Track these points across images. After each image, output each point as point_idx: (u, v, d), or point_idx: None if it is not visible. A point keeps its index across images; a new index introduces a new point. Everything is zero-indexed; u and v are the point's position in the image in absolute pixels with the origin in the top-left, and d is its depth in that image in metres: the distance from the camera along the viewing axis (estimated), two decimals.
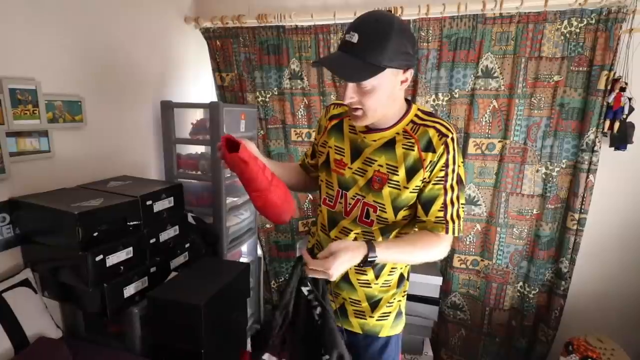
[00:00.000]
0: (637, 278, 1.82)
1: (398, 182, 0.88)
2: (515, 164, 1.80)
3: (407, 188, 0.87)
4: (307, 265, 0.81)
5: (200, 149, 2.10)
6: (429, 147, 0.85)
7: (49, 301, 1.43)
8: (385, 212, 0.91)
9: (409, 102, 0.92)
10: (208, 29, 2.12)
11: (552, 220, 1.81)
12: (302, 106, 2.10)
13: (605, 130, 1.64)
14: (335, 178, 0.98)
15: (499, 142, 1.81)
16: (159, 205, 1.53)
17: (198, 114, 2.11)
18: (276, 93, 2.12)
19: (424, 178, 0.86)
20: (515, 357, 1.99)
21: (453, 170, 0.86)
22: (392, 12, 1.74)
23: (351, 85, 0.81)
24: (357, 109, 0.84)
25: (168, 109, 1.91)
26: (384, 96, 0.81)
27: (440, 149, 0.84)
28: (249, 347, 1.91)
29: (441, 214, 0.87)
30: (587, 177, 1.69)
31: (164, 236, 1.57)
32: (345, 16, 1.84)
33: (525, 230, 1.85)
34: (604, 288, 1.88)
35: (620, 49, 1.58)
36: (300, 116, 2.11)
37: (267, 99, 2.14)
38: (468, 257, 1.99)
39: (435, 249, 0.88)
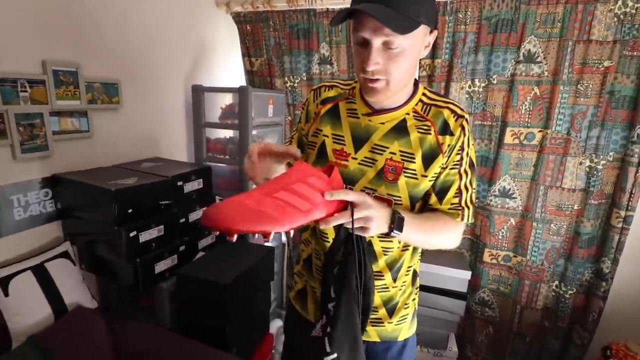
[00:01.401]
0: None
1: (415, 170, 0.80)
2: (557, 155, 1.72)
3: (426, 177, 0.80)
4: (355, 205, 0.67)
5: (228, 133, 2.15)
6: (446, 130, 0.79)
7: (86, 274, 1.54)
8: (401, 204, 0.82)
9: (416, 81, 0.85)
10: (239, 14, 2.15)
11: (594, 217, 1.72)
12: None
13: None
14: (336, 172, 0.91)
15: (539, 131, 1.74)
16: (189, 187, 1.59)
17: (227, 99, 2.16)
18: (305, 78, 2.13)
19: (442, 164, 0.80)
20: (547, 359, 1.93)
21: (467, 154, 0.81)
22: None
23: (377, 48, 0.69)
24: (377, 79, 0.73)
25: (199, 93, 1.97)
26: (410, 61, 0.73)
27: (458, 131, 0.79)
28: (271, 330, 1.97)
29: (456, 200, 0.83)
30: (637, 171, 1.59)
31: (193, 217, 1.64)
32: None
33: (564, 226, 1.78)
34: None
35: None
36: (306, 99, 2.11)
37: (296, 84, 2.16)
38: (500, 253, 1.93)
39: (452, 234, 0.85)
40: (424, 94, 0.84)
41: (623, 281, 1.74)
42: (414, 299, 0.97)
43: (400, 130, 0.81)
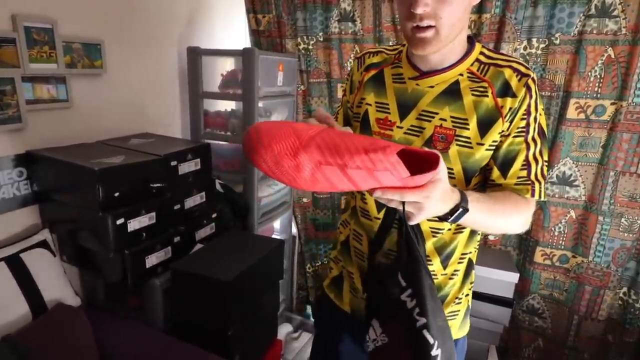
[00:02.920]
0: None
1: (469, 138, 0.81)
2: (633, 133, 1.63)
3: (483, 145, 0.80)
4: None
5: (230, 105, 2.12)
6: (508, 91, 0.79)
7: (68, 267, 1.56)
8: (454, 178, 0.83)
9: (472, 39, 0.85)
10: None
11: None
12: (352, 56, 2.04)
13: None
14: None
15: (612, 104, 1.65)
16: (185, 167, 1.58)
17: (229, 64, 2.12)
18: (321, 39, 2.08)
19: (502, 131, 0.80)
20: None
21: (535, 119, 0.80)
22: None
23: None
24: (426, 28, 0.73)
25: (195, 57, 1.94)
26: (463, 4, 0.74)
27: (522, 92, 0.78)
28: (279, 336, 1.98)
29: (524, 173, 0.82)
30: None
31: (190, 203, 1.63)
32: None
33: (639, 221, 1.70)
34: None
35: None
36: (349, 68, 2.05)
37: (310, 47, 2.11)
38: (555, 252, 1.88)
39: (523, 214, 0.83)
40: (481, 53, 0.84)
41: None
42: (467, 295, 0.97)
43: (451, 93, 0.82)
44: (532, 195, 0.82)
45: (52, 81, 1.46)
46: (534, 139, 0.81)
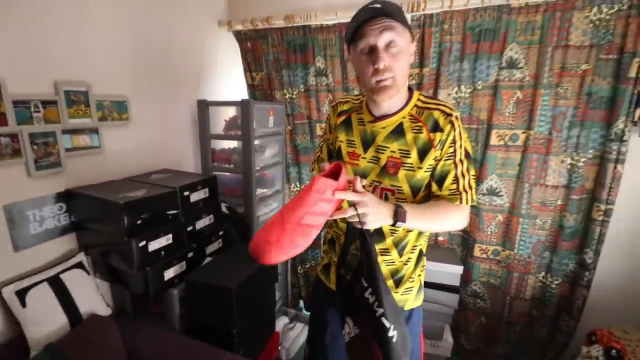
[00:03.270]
0: None
1: (412, 164, 0.88)
2: (540, 154, 1.67)
3: (421, 168, 0.87)
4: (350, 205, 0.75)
5: (232, 144, 2.11)
6: (437, 128, 0.86)
7: (101, 282, 1.49)
8: (403, 193, 0.90)
9: (411, 89, 0.92)
10: (239, 32, 2.10)
11: (576, 211, 1.67)
12: (326, 102, 2.05)
13: (636, 119, 1.49)
14: (350, 169, 0.95)
15: (523, 133, 1.69)
16: (195, 196, 1.54)
17: (231, 112, 2.11)
18: (302, 90, 2.09)
19: (436, 156, 0.86)
20: (536, 345, 1.88)
21: (460, 146, 0.87)
22: (415, 6, 1.66)
23: (382, 48, 0.79)
24: (386, 79, 0.81)
25: (204, 107, 1.93)
26: (406, 61, 0.83)
27: (447, 128, 0.85)
28: (277, 327, 1.92)
29: (454, 186, 0.88)
30: (615, 167, 1.54)
31: (200, 224, 1.59)
32: None
33: (549, 221, 1.73)
34: (629, 280, 1.72)
35: None
36: (325, 111, 2.07)
37: (294, 96, 2.11)
38: (489, 247, 1.89)
39: (455, 216, 0.88)
40: (419, 99, 0.91)
41: (605, 271, 1.70)
42: (419, 275, 1.02)
43: (397, 132, 0.89)
44: (461, 202, 0.88)
45: (87, 132, 1.43)
46: (461, 160, 0.87)
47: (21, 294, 1.20)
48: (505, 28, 1.60)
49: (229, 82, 2.28)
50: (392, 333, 0.76)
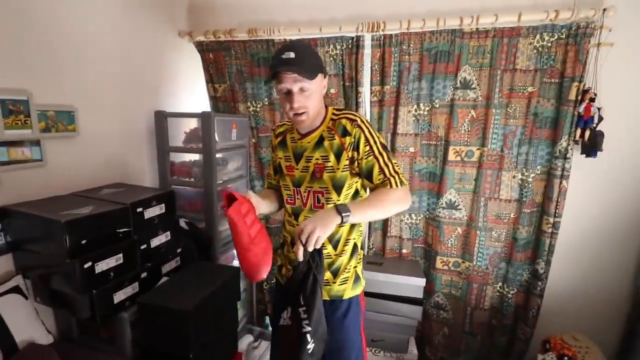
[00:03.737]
0: (609, 277, 1.79)
1: (332, 166, 1.04)
2: (493, 170, 1.77)
3: (339, 169, 1.03)
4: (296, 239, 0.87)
5: (193, 157, 2.04)
6: (345, 133, 1.02)
7: (42, 307, 1.37)
8: (329, 192, 1.05)
9: (326, 106, 1.09)
10: (201, 42, 2.08)
11: (528, 224, 1.78)
12: None
13: (577, 138, 1.63)
14: (289, 180, 1.12)
15: (477, 149, 1.79)
16: (150, 212, 1.47)
17: (192, 123, 2.06)
18: (267, 103, 2.08)
19: (349, 157, 1.01)
20: (496, 354, 1.95)
21: (375, 142, 1.01)
22: (375, 26, 1.73)
23: (297, 92, 0.96)
24: (301, 113, 0.99)
25: (162, 119, 1.86)
26: (318, 98, 1.01)
27: (355, 131, 1.00)
28: (240, 347, 1.85)
29: (381, 175, 1.00)
30: (561, 182, 1.67)
31: (155, 242, 1.51)
32: (330, 30, 1.81)
33: (504, 233, 1.82)
34: (578, 288, 1.85)
35: (589, 61, 1.57)
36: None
37: (258, 109, 2.10)
38: (450, 259, 1.95)
39: (393, 197, 0.98)
40: (333, 114, 1.08)
41: (556, 280, 1.81)
42: (355, 266, 1.14)
43: (319, 143, 1.06)
44: (391, 186, 0.99)
45: (26, 144, 1.32)
46: (380, 153, 1.00)
47: None
48: (459, 51, 1.70)
49: (191, 93, 2.23)
50: (310, 346, 0.89)
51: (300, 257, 0.88)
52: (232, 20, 2.04)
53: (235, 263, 2.21)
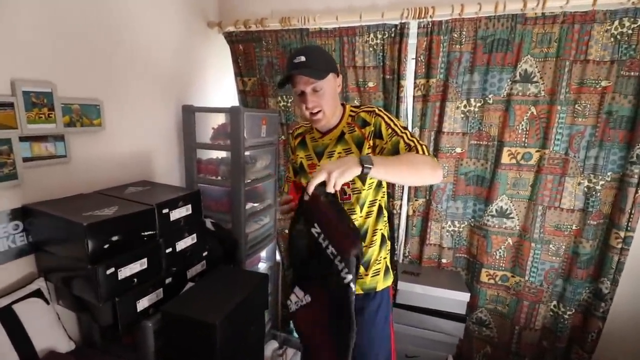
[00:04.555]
0: None
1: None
2: (555, 175, 1.56)
3: None
4: (308, 185, 0.85)
5: (220, 154, 1.94)
6: (365, 123, 1.04)
7: (65, 311, 1.30)
8: (355, 183, 1.07)
9: (343, 104, 1.12)
10: (231, 33, 1.96)
11: (593, 237, 1.56)
12: None
13: None
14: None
15: (537, 151, 1.58)
16: (176, 214, 1.37)
17: (220, 119, 1.95)
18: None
19: (370, 146, 1.03)
20: None
21: (395, 124, 1.01)
22: (422, 12, 1.55)
23: (310, 93, 1.00)
24: (317, 112, 1.02)
25: (189, 114, 1.76)
26: (331, 97, 1.03)
27: (374, 120, 1.03)
28: (266, 353, 1.74)
29: (407, 148, 0.97)
30: (636, 192, 1.44)
31: (181, 245, 1.41)
32: (371, 18, 1.64)
33: (563, 246, 1.62)
34: None
35: None
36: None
37: (289, 104, 1.97)
38: (497, 272, 1.76)
39: (422, 159, 0.92)
40: (351, 110, 1.10)
41: (623, 302, 1.58)
42: (384, 257, 1.16)
43: (340, 139, 1.09)
44: (419, 152, 0.94)
45: (50, 139, 1.24)
46: (402, 132, 1.00)
47: None
48: (520, 39, 1.49)
49: (219, 87, 2.12)
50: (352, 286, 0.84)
51: (307, 197, 0.87)
52: (264, 9, 1.90)
53: (261, 266, 2.11)
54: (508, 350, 1.80)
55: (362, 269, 1.11)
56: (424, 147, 0.98)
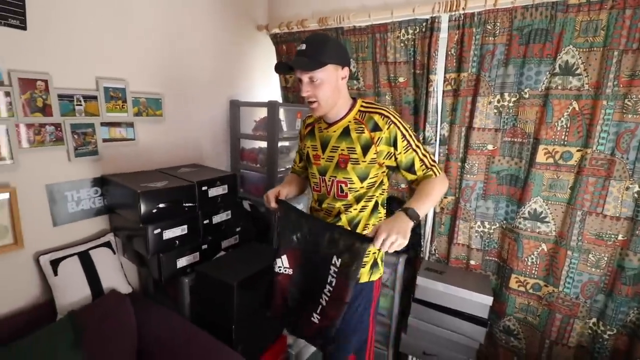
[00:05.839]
0: None
1: (357, 158, 1.07)
2: (598, 178, 1.42)
3: (365, 161, 1.07)
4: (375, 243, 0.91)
5: (261, 144, 2.17)
6: (376, 128, 1.04)
7: (129, 263, 1.64)
8: (354, 183, 1.09)
9: (355, 98, 1.12)
10: (276, 35, 2.17)
11: None
12: None
13: None
14: (315, 169, 1.17)
15: (578, 150, 1.46)
16: (214, 192, 1.62)
17: (262, 112, 2.18)
18: None
19: (377, 152, 1.05)
20: None
21: (410, 136, 1.05)
22: (454, 5, 1.54)
23: (306, 82, 1.02)
24: (313, 102, 1.04)
25: (235, 107, 2.02)
26: (329, 88, 1.03)
27: (389, 127, 1.03)
28: (285, 332, 1.92)
29: (423, 167, 1.07)
30: None
31: (217, 219, 1.66)
32: (402, 13, 1.68)
33: (605, 258, 1.46)
34: None
35: None
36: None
37: None
38: (528, 280, 1.66)
39: (438, 186, 1.06)
40: (362, 106, 1.10)
41: None
42: (374, 253, 1.16)
43: (345, 134, 1.09)
44: (435, 176, 1.07)
45: (123, 125, 1.59)
46: (417, 146, 1.06)
47: (55, 264, 1.38)
48: (561, 28, 1.39)
49: (266, 84, 2.36)
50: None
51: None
52: (305, 11, 2.07)
53: None
54: None
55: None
56: (435, 167, 1.07)
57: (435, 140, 1.80)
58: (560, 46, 1.41)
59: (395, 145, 1.04)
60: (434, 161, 1.08)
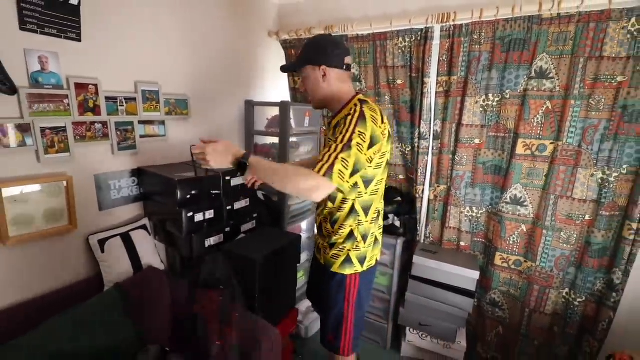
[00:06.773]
0: None
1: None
2: (568, 166, 1.66)
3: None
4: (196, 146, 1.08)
5: (274, 140, 2.39)
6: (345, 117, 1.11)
7: (160, 244, 1.86)
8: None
9: (355, 95, 1.20)
10: (285, 41, 2.38)
11: (606, 228, 1.62)
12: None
13: None
14: None
15: (551, 143, 1.69)
16: (235, 181, 1.84)
17: (274, 111, 2.40)
18: None
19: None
20: None
21: (346, 132, 1.03)
22: (445, 17, 1.76)
23: (302, 79, 1.25)
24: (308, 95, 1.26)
25: (250, 107, 2.24)
26: (311, 84, 1.22)
27: (346, 118, 1.08)
28: (301, 307, 2.14)
29: (321, 156, 1.02)
30: None
31: (237, 205, 1.89)
32: (400, 23, 1.90)
33: (575, 235, 1.70)
34: None
35: None
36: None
37: None
38: (510, 257, 1.90)
39: (302, 179, 0.97)
40: (358, 99, 1.16)
41: (634, 293, 1.62)
42: (348, 250, 1.24)
43: (337, 125, 1.18)
44: (315, 170, 0.98)
45: (156, 123, 1.80)
46: (338, 143, 1.02)
47: (102, 243, 1.60)
48: (536, 38, 1.62)
49: (276, 85, 2.58)
50: None
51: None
52: (313, 19, 2.28)
53: (302, 236, 2.52)
54: (518, 332, 1.92)
55: (327, 245, 1.29)
56: (325, 167, 0.97)
57: (429, 136, 2.02)
58: (536, 53, 1.64)
59: (334, 129, 1.16)
60: (332, 165, 0.97)
